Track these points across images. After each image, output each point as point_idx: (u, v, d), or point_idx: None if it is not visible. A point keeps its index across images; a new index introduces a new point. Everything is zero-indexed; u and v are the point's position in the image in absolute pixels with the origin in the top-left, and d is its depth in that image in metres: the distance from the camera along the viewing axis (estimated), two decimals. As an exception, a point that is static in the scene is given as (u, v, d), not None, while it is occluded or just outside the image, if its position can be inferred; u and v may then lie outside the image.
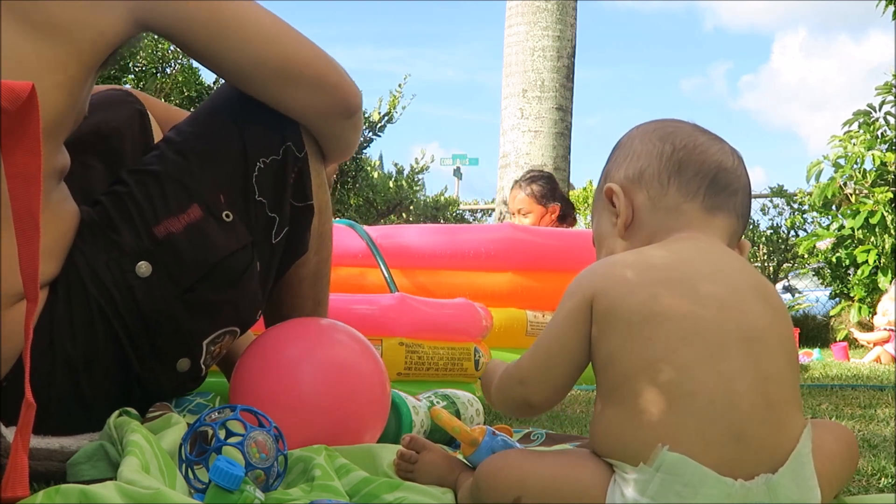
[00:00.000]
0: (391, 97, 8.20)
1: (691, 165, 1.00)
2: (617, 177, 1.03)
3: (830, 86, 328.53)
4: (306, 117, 1.31)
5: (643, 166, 1.01)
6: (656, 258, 0.94)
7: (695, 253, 0.95)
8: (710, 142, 1.02)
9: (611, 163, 1.07)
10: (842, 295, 7.49)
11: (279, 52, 1.25)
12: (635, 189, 1.01)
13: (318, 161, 1.36)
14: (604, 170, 1.08)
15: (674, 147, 1.01)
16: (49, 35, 1.12)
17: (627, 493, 0.84)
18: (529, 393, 0.96)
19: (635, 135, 1.06)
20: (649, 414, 0.84)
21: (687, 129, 1.03)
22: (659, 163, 1.00)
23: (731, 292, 0.90)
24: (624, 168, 1.03)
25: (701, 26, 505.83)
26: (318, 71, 1.28)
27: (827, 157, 7.25)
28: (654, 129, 1.05)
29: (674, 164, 1.00)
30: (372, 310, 2.05)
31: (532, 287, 2.71)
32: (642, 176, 1.01)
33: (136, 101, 1.53)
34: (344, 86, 1.30)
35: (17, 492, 0.84)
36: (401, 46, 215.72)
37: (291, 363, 1.27)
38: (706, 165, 1.00)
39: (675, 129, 1.03)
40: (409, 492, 1.00)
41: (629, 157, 1.03)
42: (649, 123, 1.07)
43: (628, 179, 1.02)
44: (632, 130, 1.07)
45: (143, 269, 1.21)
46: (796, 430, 0.87)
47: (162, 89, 5.82)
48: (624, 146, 1.06)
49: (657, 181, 1.00)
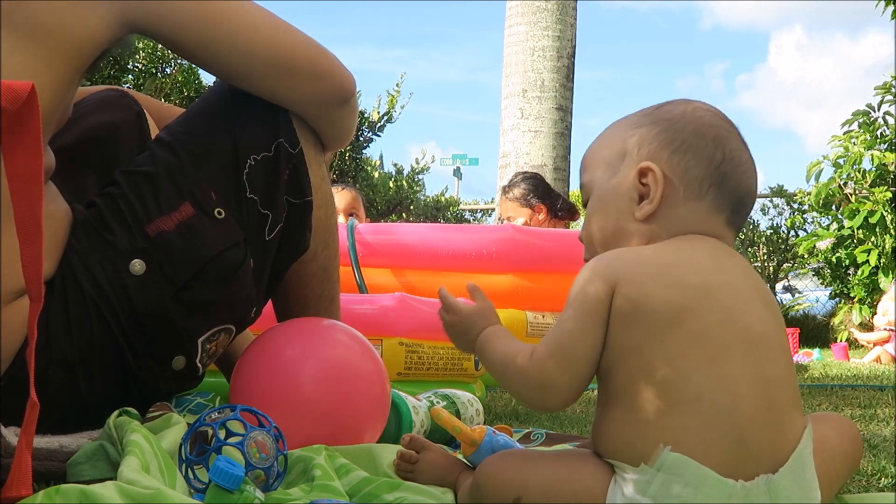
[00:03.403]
0: (389, 96, 8.19)
1: (731, 182, 0.96)
2: (660, 157, 0.95)
3: (827, 84, 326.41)
4: (301, 106, 1.31)
5: (690, 163, 0.95)
6: (674, 257, 0.92)
7: (708, 256, 0.93)
8: (750, 161, 0.98)
9: (638, 138, 0.97)
10: (842, 295, 7.49)
11: (269, 43, 1.25)
12: (674, 181, 0.94)
13: (317, 155, 1.36)
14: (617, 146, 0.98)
15: (724, 156, 0.95)
16: (32, 37, 1.12)
17: (628, 493, 0.84)
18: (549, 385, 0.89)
19: (689, 120, 0.97)
20: (653, 416, 0.84)
21: (735, 136, 0.98)
22: (707, 167, 0.95)
23: (738, 296, 0.90)
24: (669, 153, 0.95)
25: (697, 25, 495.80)
26: (310, 59, 1.28)
27: (826, 157, 7.26)
28: (709, 123, 0.97)
29: (719, 175, 0.95)
30: (372, 310, 2.05)
31: (533, 288, 2.71)
32: (687, 172, 0.94)
33: (134, 102, 1.53)
34: (336, 72, 1.31)
35: (20, 491, 0.84)
36: (402, 47, 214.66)
37: (291, 363, 1.27)
38: (741, 188, 0.96)
39: (727, 132, 0.97)
40: (409, 492, 1.00)
41: (676, 143, 0.95)
42: (704, 112, 0.98)
43: (672, 169, 0.95)
44: (685, 109, 0.98)
45: (138, 268, 1.22)
46: (797, 432, 0.87)
47: (161, 89, 5.82)
48: (673, 126, 0.96)
49: (698, 185, 0.94)
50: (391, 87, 8.33)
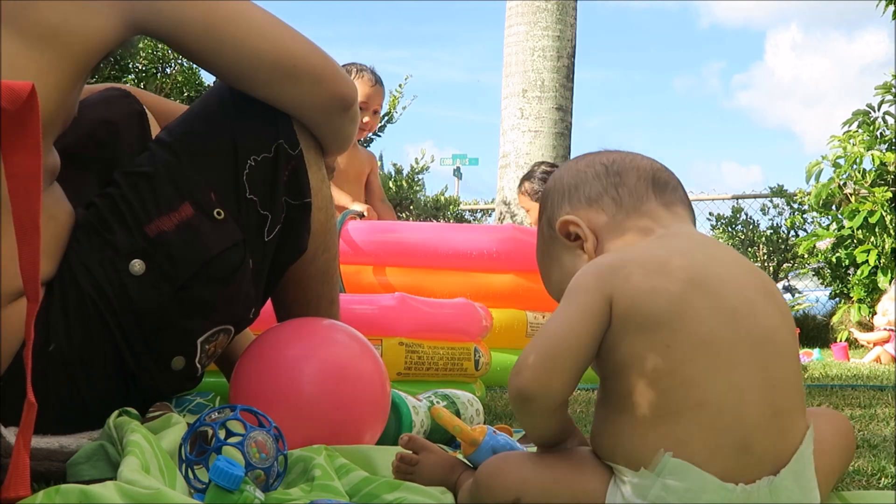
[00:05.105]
0: (391, 97, 8.19)
1: (630, 172, 1.01)
2: (564, 212, 1.02)
3: (824, 82, 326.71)
4: (302, 112, 1.32)
5: (587, 191, 1.01)
6: (666, 256, 0.91)
7: (695, 249, 0.93)
8: (633, 153, 1.03)
9: (548, 209, 1.05)
10: (842, 295, 7.49)
11: (274, 48, 1.26)
12: (588, 212, 1.00)
13: (317, 158, 1.36)
14: (542, 219, 1.06)
15: (605, 164, 1.02)
16: (38, 38, 1.12)
17: (627, 495, 0.84)
18: (523, 383, 0.86)
19: (559, 175, 1.05)
20: (656, 422, 0.84)
21: (604, 152, 1.04)
22: (599, 181, 1.01)
23: (742, 294, 0.89)
24: (567, 202, 1.02)
25: (696, 24, 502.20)
26: (313, 65, 1.29)
27: (825, 157, 7.26)
28: (574, 163, 1.05)
29: (614, 176, 1.00)
30: (372, 310, 2.05)
31: (533, 288, 2.71)
32: (590, 198, 1.00)
33: (135, 102, 1.53)
34: (339, 79, 1.31)
35: (18, 492, 0.84)
36: (404, 47, 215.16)
37: (291, 363, 1.27)
38: (642, 169, 1.01)
39: (594, 155, 1.05)
40: (408, 492, 1.00)
41: (566, 192, 1.03)
42: (566, 163, 1.08)
43: (578, 208, 1.01)
44: (553, 175, 1.07)
45: (137, 267, 1.22)
46: (799, 433, 0.87)
47: (162, 90, 5.82)
48: (553, 189, 1.05)
49: (606, 195, 1.00)
50: (394, 88, 8.34)
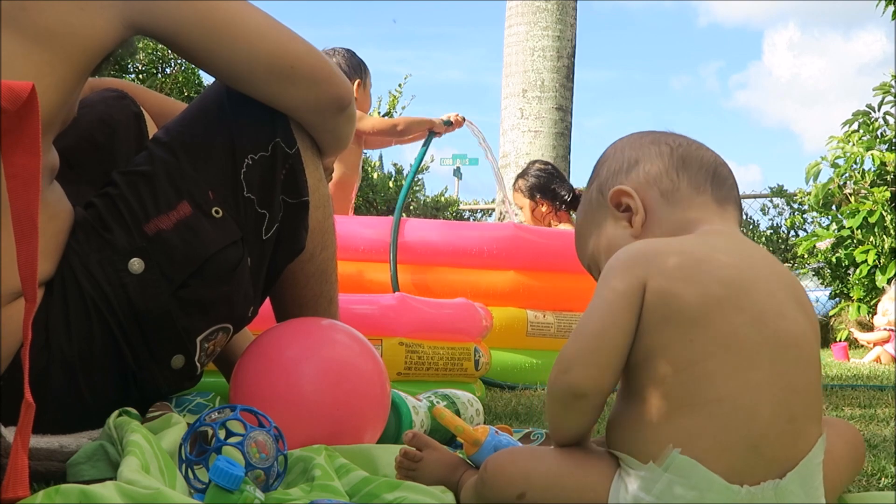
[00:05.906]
0: (391, 97, 8.20)
1: (694, 160, 0.99)
2: (619, 180, 0.99)
3: (822, 82, 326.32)
4: (300, 112, 1.32)
5: (646, 167, 0.99)
6: (705, 253, 0.90)
7: (737, 250, 0.92)
8: (698, 142, 1.02)
9: (603, 175, 1.02)
10: (841, 295, 7.49)
11: (272, 49, 1.27)
12: (645, 188, 0.98)
13: (314, 156, 1.37)
14: (593, 184, 1.04)
15: (670, 146, 1.00)
16: (38, 38, 1.12)
17: (632, 489, 0.84)
18: (575, 380, 0.85)
19: (621, 146, 1.03)
20: (671, 414, 0.84)
21: (670, 133, 1.02)
22: (662, 161, 0.98)
23: (772, 298, 0.88)
24: (624, 172, 1.00)
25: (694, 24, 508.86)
26: (311, 66, 1.29)
27: (825, 157, 7.26)
28: (638, 137, 1.03)
29: (678, 160, 0.98)
30: (372, 310, 2.05)
31: (534, 287, 2.71)
32: (649, 174, 0.98)
33: (132, 103, 1.53)
34: (335, 80, 1.32)
35: (17, 492, 0.84)
36: (405, 48, 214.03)
37: (291, 363, 1.27)
38: (706, 161, 0.99)
39: (660, 134, 1.02)
40: (409, 491, 1.00)
41: (625, 164, 1.00)
42: (629, 136, 1.05)
43: (634, 181, 0.99)
44: (613, 145, 1.05)
45: (136, 266, 1.22)
46: (811, 442, 0.86)
47: (161, 89, 5.83)
48: (612, 157, 1.02)
49: (666, 177, 0.98)
50: (393, 88, 8.35)
